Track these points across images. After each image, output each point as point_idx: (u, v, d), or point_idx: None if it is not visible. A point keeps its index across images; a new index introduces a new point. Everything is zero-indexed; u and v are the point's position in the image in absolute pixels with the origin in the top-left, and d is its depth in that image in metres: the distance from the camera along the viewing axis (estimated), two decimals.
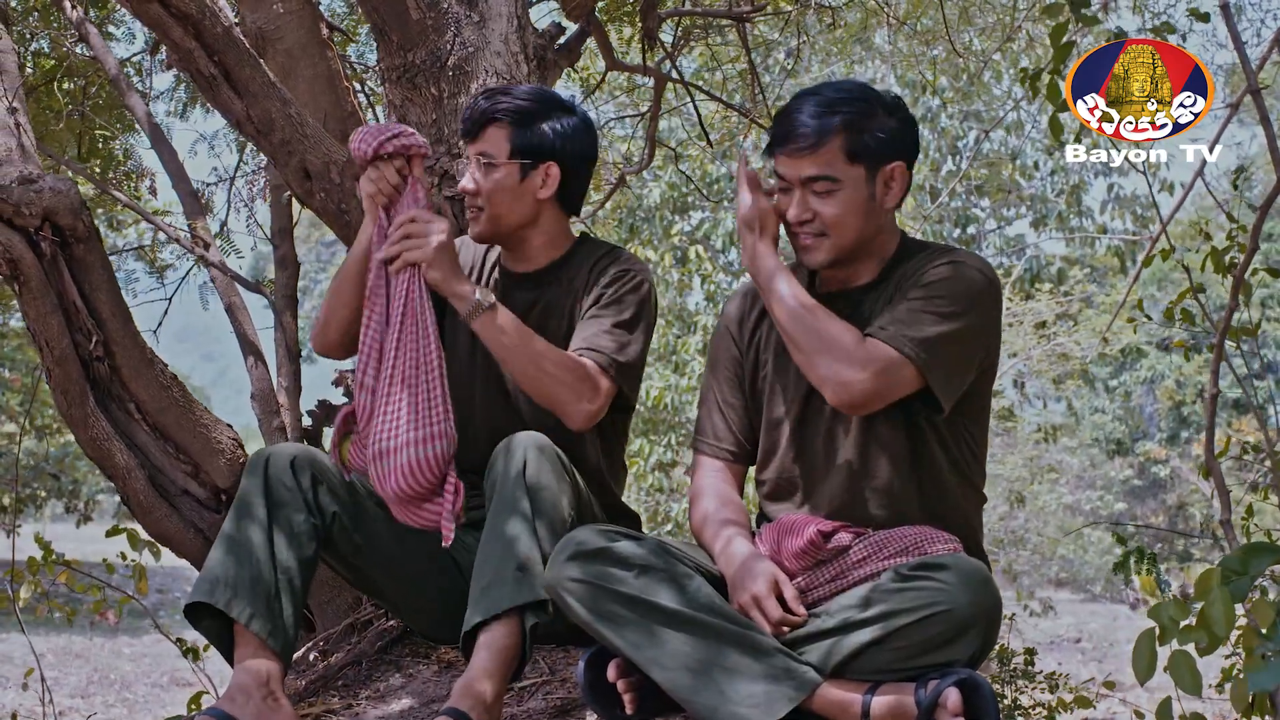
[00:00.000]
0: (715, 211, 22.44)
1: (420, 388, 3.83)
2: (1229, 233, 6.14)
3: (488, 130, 4.12)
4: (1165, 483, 34.47)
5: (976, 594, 3.26)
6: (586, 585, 3.43)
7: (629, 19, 8.27)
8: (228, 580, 3.67)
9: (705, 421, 3.90)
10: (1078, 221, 22.84)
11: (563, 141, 4.14)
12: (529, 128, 4.11)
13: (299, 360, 6.84)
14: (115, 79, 7.18)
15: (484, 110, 4.12)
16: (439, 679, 4.22)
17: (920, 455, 3.61)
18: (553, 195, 4.18)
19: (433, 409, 3.82)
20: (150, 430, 4.62)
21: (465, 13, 5.16)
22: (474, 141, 4.14)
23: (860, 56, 17.07)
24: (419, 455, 3.77)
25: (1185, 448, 33.75)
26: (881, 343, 3.43)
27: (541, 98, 4.18)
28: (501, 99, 4.12)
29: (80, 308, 4.39)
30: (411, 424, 3.79)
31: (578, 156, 4.20)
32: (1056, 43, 5.20)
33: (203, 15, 4.53)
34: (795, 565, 3.50)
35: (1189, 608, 3.19)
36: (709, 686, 3.33)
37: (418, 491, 3.82)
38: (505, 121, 4.10)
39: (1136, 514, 34.22)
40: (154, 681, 13.98)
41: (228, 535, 3.75)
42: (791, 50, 11.68)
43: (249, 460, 3.88)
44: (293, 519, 3.77)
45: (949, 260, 3.55)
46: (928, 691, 3.25)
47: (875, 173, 3.55)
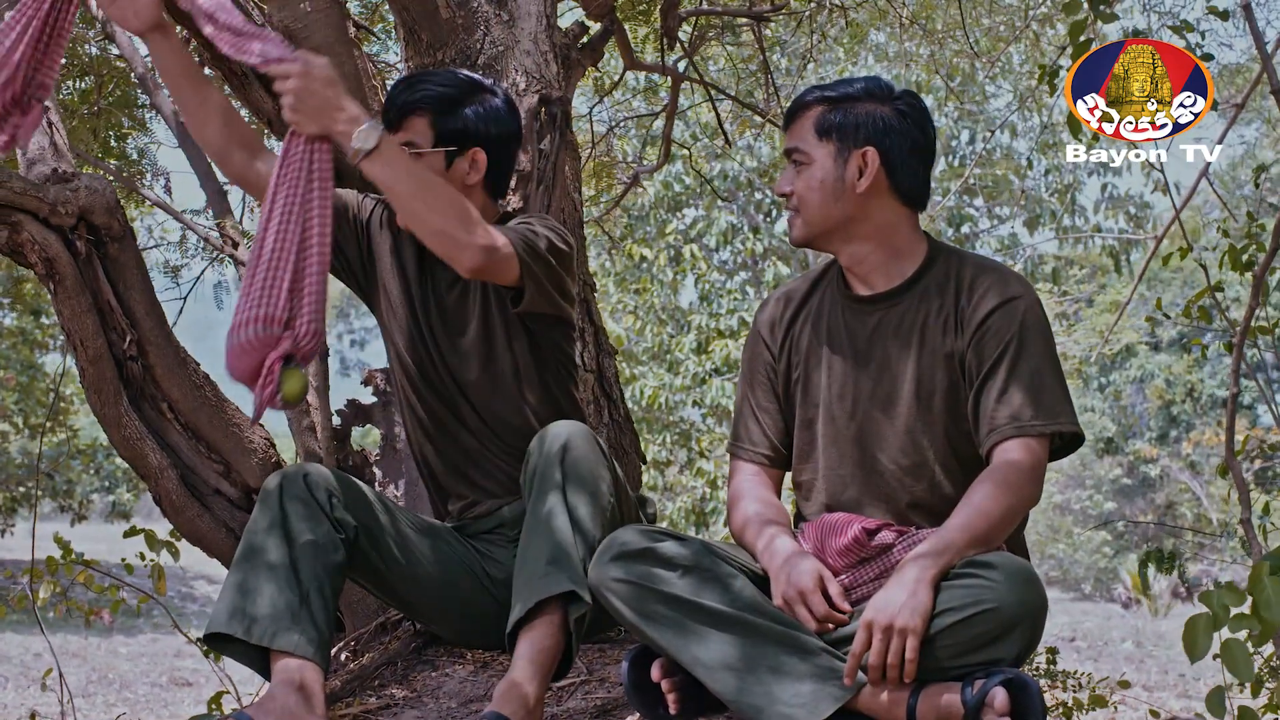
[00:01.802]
0: (710, 210, 22.47)
1: (275, 265, 3.65)
2: (1248, 230, 6.14)
3: (410, 120, 4.03)
4: (1155, 482, 34.54)
5: (1023, 592, 3.24)
6: (631, 585, 3.42)
7: (644, 18, 8.27)
8: (245, 606, 3.64)
9: (740, 426, 3.89)
10: (1071, 221, 22.89)
11: (486, 125, 4.07)
12: (452, 114, 4.04)
13: (326, 359, 6.83)
14: (143, 78, 7.17)
15: (405, 100, 4.03)
16: (475, 678, 4.20)
17: (959, 455, 3.61)
18: (480, 180, 4.12)
19: (273, 289, 3.64)
20: (182, 430, 4.60)
21: (495, 11, 5.16)
22: (396, 131, 4.01)
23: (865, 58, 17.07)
24: (242, 337, 3.62)
25: (1175, 447, 33.81)
26: (1016, 440, 3.48)
27: (462, 82, 4.10)
28: (421, 87, 4.04)
29: (115, 307, 4.37)
30: (249, 302, 3.64)
31: (502, 139, 4.13)
32: (1075, 39, 5.21)
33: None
34: (839, 563, 3.49)
35: (1243, 595, 3.20)
36: (755, 687, 3.32)
37: (242, 375, 3.69)
38: (427, 110, 4.02)
39: (1126, 513, 34.30)
40: (153, 681, 13.99)
41: (244, 558, 3.71)
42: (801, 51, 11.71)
43: (266, 482, 3.83)
44: (316, 530, 3.74)
45: (1000, 303, 3.56)
46: (974, 691, 3.23)
47: (847, 154, 3.57)
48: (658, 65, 7.96)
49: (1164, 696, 12.35)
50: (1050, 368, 3.53)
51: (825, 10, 9.29)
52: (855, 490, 3.66)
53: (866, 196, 3.58)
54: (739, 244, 22.82)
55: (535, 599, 3.56)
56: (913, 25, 10.41)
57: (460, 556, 4.10)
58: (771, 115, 9.00)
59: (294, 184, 3.71)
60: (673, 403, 21.17)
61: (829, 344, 3.71)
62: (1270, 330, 6.39)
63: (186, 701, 12.72)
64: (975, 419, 3.55)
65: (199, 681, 13.89)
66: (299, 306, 3.69)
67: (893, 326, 3.63)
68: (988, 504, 3.39)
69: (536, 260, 3.92)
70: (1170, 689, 13.32)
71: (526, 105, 5.12)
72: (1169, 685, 13.62)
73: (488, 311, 4.11)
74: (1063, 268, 23.83)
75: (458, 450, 4.22)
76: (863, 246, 3.64)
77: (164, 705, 12.34)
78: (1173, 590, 24.82)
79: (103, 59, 8.21)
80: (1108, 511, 33.94)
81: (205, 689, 13.46)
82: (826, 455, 3.71)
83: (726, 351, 20.35)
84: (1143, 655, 16.45)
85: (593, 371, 5.49)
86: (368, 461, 5.44)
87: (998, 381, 3.51)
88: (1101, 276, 28.20)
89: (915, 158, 3.63)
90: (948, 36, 10.87)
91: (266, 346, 3.65)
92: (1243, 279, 6.34)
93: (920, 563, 3.29)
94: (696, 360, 20.98)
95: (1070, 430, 3.51)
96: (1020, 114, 18.20)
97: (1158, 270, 28.42)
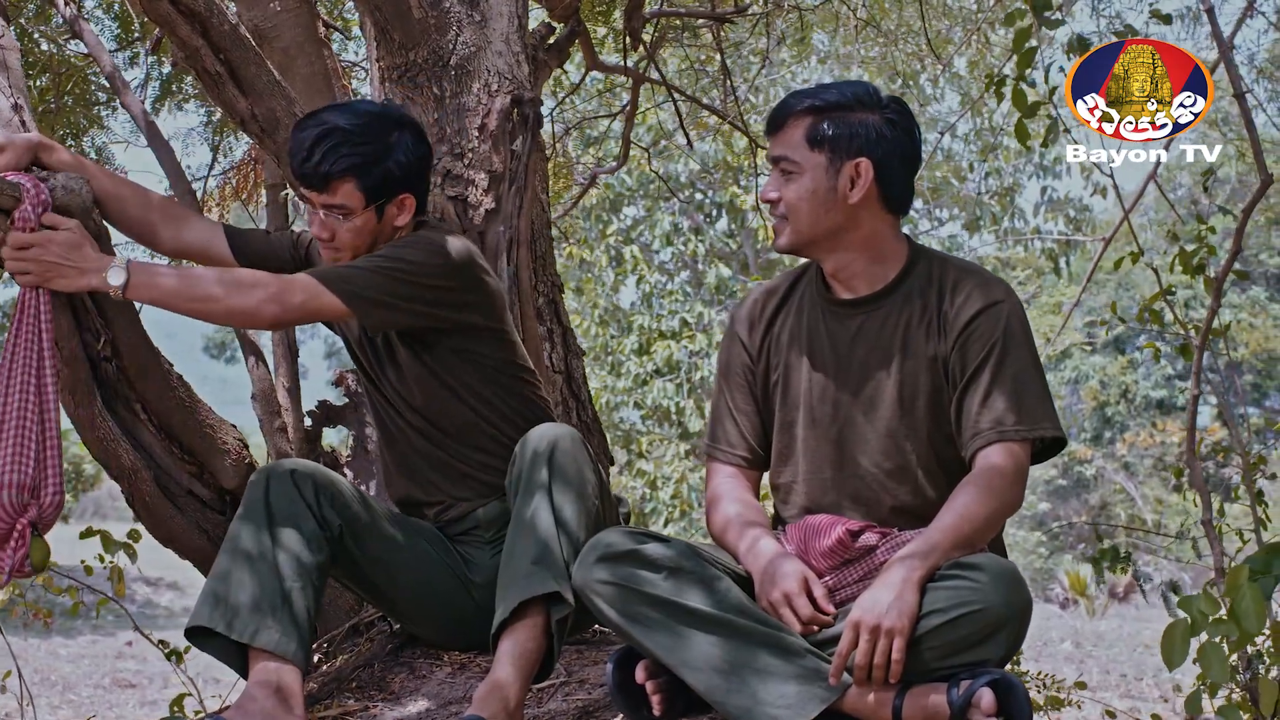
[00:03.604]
0: (652, 212, 22.48)
1: (21, 429, 3.77)
2: (1198, 234, 6.18)
3: (335, 185, 3.98)
4: (1089, 482, 34.79)
5: (1010, 593, 3.26)
6: (616, 587, 3.42)
7: (604, 19, 8.27)
8: (228, 600, 3.64)
9: (717, 428, 3.89)
10: (1010, 223, 23.02)
11: (408, 168, 4.05)
12: (375, 172, 4.00)
13: (297, 359, 6.81)
14: (111, 76, 7.12)
15: (328, 169, 3.97)
16: (453, 680, 4.19)
17: (941, 459, 3.63)
18: (410, 217, 4.12)
19: (22, 454, 3.76)
20: (156, 431, 4.57)
21: (467, 12, 5.15)
22: (321, 193, 4.00)
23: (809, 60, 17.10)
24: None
25: (1109, 448, 34.07)
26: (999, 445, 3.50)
27: (376, 130, 4.03)
28: (344, 154, 3.96)
29: (90, 307, 4.32)
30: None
31: (422, 171, 4.13)
32: (1020, 47, 5.23)
33: (210, 13, 4.50)
34: (823, 565, 3.51)
35: (1219, 601, 3.23)
36: (741, 688, 3.33)
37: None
38: (352, 175, 3.98)
39: (1060, 514, 34.52)
40: (96, 683, 13.90)
41: (227, 553, 3.71)
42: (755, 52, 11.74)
43: (251, 478, 3.85)
44: (301, 527, 3.73)
45: (983, 307, 3.58)
46: (960, 692, 3.25)
47: (839, 164, 3.56)
48: (620, 66, 7.97)
49: (1107, 696, 12.40)
50: (1033, 372, 3.55)
51: (783, 12, 9.31)
52: (835, 493, 3.67)
53: (857, 206, 3.59)
54: (680, 245, 22.84)
55: (519, 599, 3.57)
56: (866, 28, 10.45)
57: (439, 555, 4.10)
58: (731, 117, 9.02)
59: (30, 340, 3.83)
60: (614, 403, 21.20)
61: (809, 346, 3.71)
62: (1222, 332, 6.44)
63: (130, 703, 12.64)
64: (958, 423, 3.57)
65: (142, 683, 13.82)
66: (43, 475, 3.81)
67: (875, 330, 3.64)
68: (972, 508, 3.41)
69: (363, 284, 3.88)
70: (1113, 689, 13.39)
71: (499, 106, 5.12)
72: (1111, 685, 13.69)
73: (396, 337, 4.14)
74: (1001, 269, 23.94)
75: (420, 458, 4.23)
76: (849, 254, 3.65)
77: (109, 707, 12.27)
78: (1110, 591, 24.97)
79: (61, 57, 8.15)
80: (1041, 512, 34.15)
81: (149, 690, 13.41)
82: (806, 458, 3.71)
83: (669, 353, 20.37)
84: (1083, 655, 16.53)
85: (561, 372, 5.50)
86: (338, 463, 5.43)
87: (981, 386, 3.52)
88: (1038, 279, 28.38)
89: (905, 167, 3.64)
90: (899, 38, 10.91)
91: (17, 512, 3.76)
92: (1192, 281, 6.38)
93: (907, 564, 3.31)
94: (638, 361, 21.00)
95: (1052, 435, 3.54)
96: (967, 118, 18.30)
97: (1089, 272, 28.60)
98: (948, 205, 23.58)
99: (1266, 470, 6.42)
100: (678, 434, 21.64)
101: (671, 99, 8.54)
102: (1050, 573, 30.82)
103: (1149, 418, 34.39)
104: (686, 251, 22.75)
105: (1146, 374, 34.99)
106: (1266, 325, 33.58)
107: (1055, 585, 28.59)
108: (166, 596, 23.74)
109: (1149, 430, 33.09)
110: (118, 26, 8.90)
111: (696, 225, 23.27)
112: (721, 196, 22.45)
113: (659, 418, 21.59)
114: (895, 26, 10.82)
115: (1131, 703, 12.21)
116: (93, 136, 9.19)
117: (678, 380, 21.34)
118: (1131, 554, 6.33)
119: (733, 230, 23.66)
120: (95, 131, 9.15)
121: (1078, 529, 31.33)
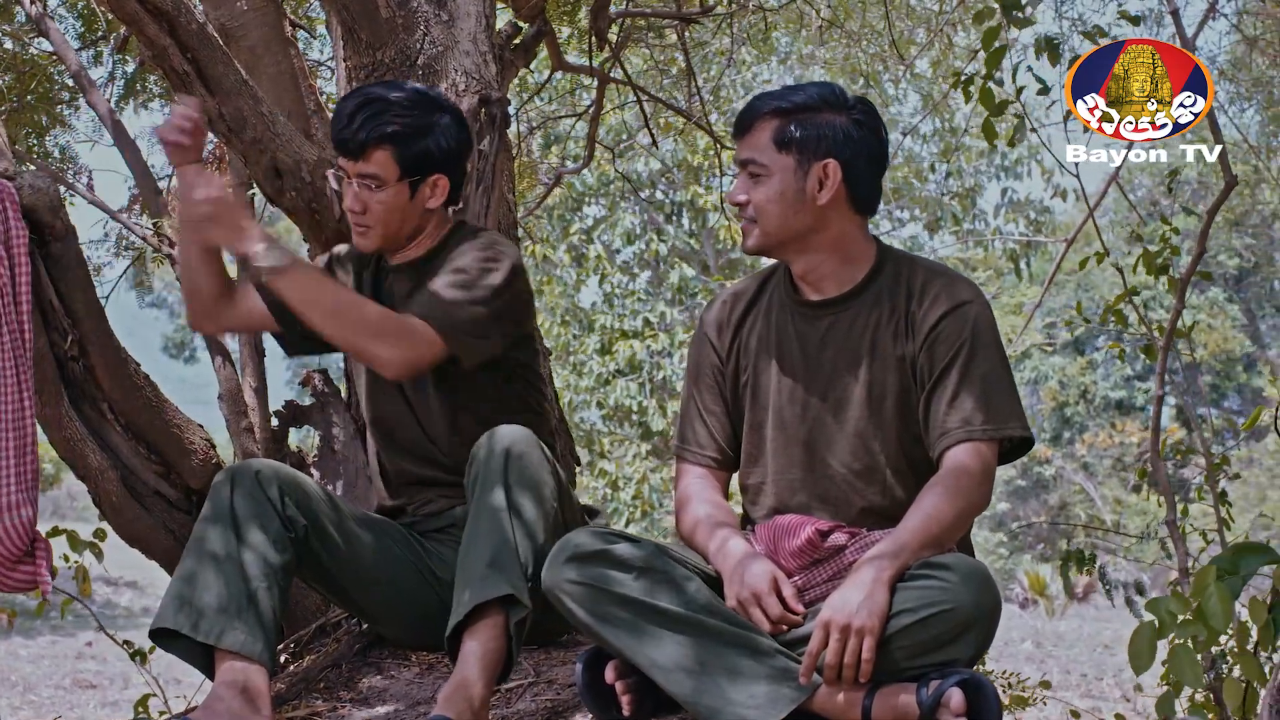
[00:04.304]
0: (613, 211, 22.46)
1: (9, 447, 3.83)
2: (1162, 235, 6.21)
3: (372, 152, 4.01)
4: (1049, 483, 34.92)
5: (979, 594, 3.27)
6: (585, 587, 3.41)
7: (568, 19, 8.26)
8: (192, 602, 3.62)
9: (687, 429, 3.89)
10: (971, 225, 23.08)
11: (446, 150, 4.08)
12: (415, 145, 4.03)
13: (263, 359, 6.80)
14: (77, 75, 7.09)
15: (368, 133, 4.00)
16: (421, 680, 4.19)
17: (910, 459, 3.63)
18: (440, 202, 4.14)
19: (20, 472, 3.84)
20: (123, 431, 4.57)
21: (434, 11, 5.15)
22: (356, 161, 4.03)
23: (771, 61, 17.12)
24: (8, 523, 3.81)
25: (1069, 448, 34.20)
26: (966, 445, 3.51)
27: (420, 106, 4.08)
28: (385, 121, 4.01)
29: (57, 307, 4.32)
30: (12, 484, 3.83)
31: (459, 157, 4.15)
32: (989, 46, 5.25)
33: (178, 11, 4.49)
34: (792, 564, 3.51)
35: (1187, 602, 3.25)
36: (711, 688, 3.33)
37: (7, 557, 3.86)
38: (391, 143, 4.01)
39: (1020, 514, 34.64)
40: (56, 684, 13.85)
41: (193, 554, 3.70)
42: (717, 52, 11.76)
43: (216, 478, 3.84)
44: (266, 527, 3.73)
45: (951, 308, 3.59)
46: (930, 691, 3.25)
47: (808, 166, 3.56)
48: (585, 66, 7.97)
49: (1069, 696, 12.44)
50: (1000, 373, 3.56)
51: (748, 12, 9.32)
52: (805, 494, 3.67)
53: (826, 208, 3.59)
54: (643, 244, 22.84)
55: (475, 602, 3.56)
56: (830, 28, 10.46)
57: (405, 555, 4.09)
58: (696, 118, 9.02)
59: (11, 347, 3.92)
60: (576, 403, 21.19)
61: (778, 348, 3.72)
62: (1186, 333, 6.47)
63: (91, 704, 12.60)
64: (926, 423, 3.57)
65: (103, 684, 13.78)
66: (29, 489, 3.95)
67: (844, 331, 3.64)
68: (940, 507, 3.42)
69: (467, 327, 3.95)
70: (1073, 689, 13.44)
71: (466, 105, 5.12)
72: (1071, 685, 13.75)
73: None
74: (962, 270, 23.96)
75: (413, 454, 4.23)
76: (818, 255, 3.65)
77: (70, 708, 12.22)
78: (1069, 591, 25.04)
79: (23, 56, 8.11)
80: (1001, 512, 34.26)
81: (110, 690, 13.37)
82: (775, 459, 3.71)
83: (631, 352, 20.36)
84: (1043, 655, 16.59)
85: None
86: (305, 463, 5.42)
87: (949, 386, 3.53)
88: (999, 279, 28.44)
89: (872, 167, 3.64)
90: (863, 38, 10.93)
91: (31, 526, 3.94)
92: (1155, 281, 6.41)
93: (876, 564, 3.31)
94: (600, 361, 20.99)
95: (1020, 435, 3.55)
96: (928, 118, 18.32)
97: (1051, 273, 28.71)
98: (909, 206, 23.64)
99: (1229, 471, 6.44)
100: (639, 434, 21.65)
101: (637, 99, 8.55)
102: (1010, 573, 30.92)
103: (1108, 418, 34.55)
104: (648, 251, 22.76)
105: (1105, 375, 35.15)
106: (1225, 326, 33.79)
107: (1015, 585, 28.68)
108: (126, 596, 23.65)
109: (1108, 431, 33.25)
110: (81, 25, 8.86)
111: (657, 226, 23.27)
112: (682, 196, 22.47)
113: (620, 418, 21.59)
114: (859, 27, 10.83)
115: (1092, 702, 12.26)
116: (55, 135, 9.16)
117: (640, 380, 21.33)
118: (1096, 556, 6.35)
119: (693, 230, 23.68)
120: (58, 130, 9.11)
121: (1037, 529, 31.45)
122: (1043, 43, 5.44)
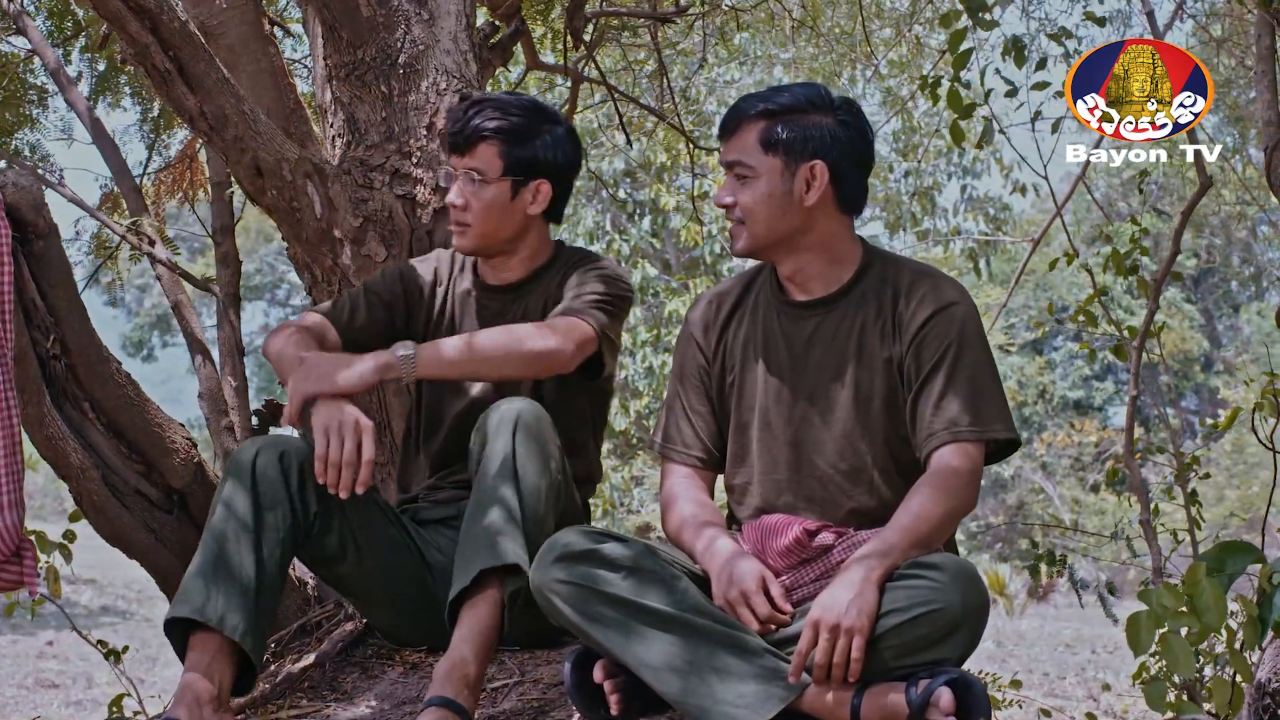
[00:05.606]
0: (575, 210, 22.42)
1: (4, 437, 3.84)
2: (1131, 235, 6.24)
3: (479, 147, 4.08)
4: (1007, 482, 35.04)
5: (968, 592, 3.28)
6: (574, 587, 3.41)
7: (542, 18, 8.27)
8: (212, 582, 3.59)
9: (672, 428, 3.89)
10: (931, 223, 23.08)
11: (553, 157, 4.13)
12: (522, 145, 4.08)
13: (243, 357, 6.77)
14: (55, 72, 7.06)
15: (476, 127, 4.07)
16: (406, 680, 4.19)
17: (897, 460, 3.65)
18: (541, 211, 4.18)
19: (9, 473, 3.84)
20: (104, 430, 4.55)
21: (415, 10, 5.15)
22: (464, 156, 4.09)
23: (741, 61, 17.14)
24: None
25: (1027, 448, 34.34)
26: (953, 446, 3.52)
27: (531, 111, 4.14)
28: (494, 117, 4.07)
29: (39, 305, 4.30)
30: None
31: (566, 169, 4.19)
32: (955, 49, 5.27)
33: (160, 9, 4.46)
34: (780, 564, 3.52)
35: (1180, 595, 3.26)
36: (699, 687, 3.33)
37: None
38: (498, 139, 4.07)
39: (978, 513, 34.74)
40: (19, 683, 13.75)
41: (212, 535, 3.65)
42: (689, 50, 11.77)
43: (234, 454, 3.81)
44: (279, 517, 3.71)
45: (938, 309, 3.60)
46: (919, 691, 3.25)
47: (795, 168, 3.58)
48: (559, 66, 7.97)
49: (1032, 695, 12.48)
50: (987, 374, 3.58)
51: (720, 13, 9.33)
52: (791, 495, 3.68)
53: (813, 209, 3.60)
54: (604, 243, 22.81)
55: (481, 567, 3.55)
56: (800, 29, 10.48)
57: (405, 540, 4.06)
58: (670, 118, 9.03)
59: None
60: None
61: (765, 348, 3.73)
62: (1156, 334, 6.51)
63: (55, 703, 12.52)
64: (913, 424, 3.59)
65: (65, 683, 13.69)
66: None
67: (830, 332, 3.65)
68: (928, 508, 3.43)
69: (613, 333, 4.06)
70: (1036, 688, 13.46)
71: (447, 104, 5.11)
72: (1034, 684, 13.76)
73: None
74: None
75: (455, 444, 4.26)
76: (806, 256, 3.66)
77: (34, 708, 12.12)
78: (1028, 590, 25.13)
79: None
80: None
81: (73, 690, 13.28)
82: (762, 459, 3.73)
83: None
84: (1004, 655, 16.64)
85: None
86: None
87: (936, 387, 3.55)
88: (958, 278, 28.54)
89: (858, 168, 3.66)
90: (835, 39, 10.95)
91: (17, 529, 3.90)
92: (1124, 280, 6.44)
93: (865, 563, 3.32)
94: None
95: (1006, 436, 3.57)
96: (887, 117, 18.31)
97: (1009, 273, 28.78)
98: (869, 205, 23.66)
99: (1199, 471, 6.48)
100: None
101: (612, 98, 8.55)
102: None
103: (1066, 418, 34.71)
104: (610, 249, 22.72)
105: (1064, 375, 35.31)
106: (1183, 327, 33.97)
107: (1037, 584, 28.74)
108: (86, 594, 23.50)
109: (1066, 430, 33.39)
110: (51, 23, 8.81)
111: (620, 224, 23.24)
112: (646, 195, 22.44)
113: None
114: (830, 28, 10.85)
115: (1056, 701, 12.28)
116: (24, 134, 9.10)
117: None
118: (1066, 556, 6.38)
119: (655, 229, 23.65)
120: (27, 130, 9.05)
121: (995, 529, 31.54)
122: (1009, 44, 5.47)
